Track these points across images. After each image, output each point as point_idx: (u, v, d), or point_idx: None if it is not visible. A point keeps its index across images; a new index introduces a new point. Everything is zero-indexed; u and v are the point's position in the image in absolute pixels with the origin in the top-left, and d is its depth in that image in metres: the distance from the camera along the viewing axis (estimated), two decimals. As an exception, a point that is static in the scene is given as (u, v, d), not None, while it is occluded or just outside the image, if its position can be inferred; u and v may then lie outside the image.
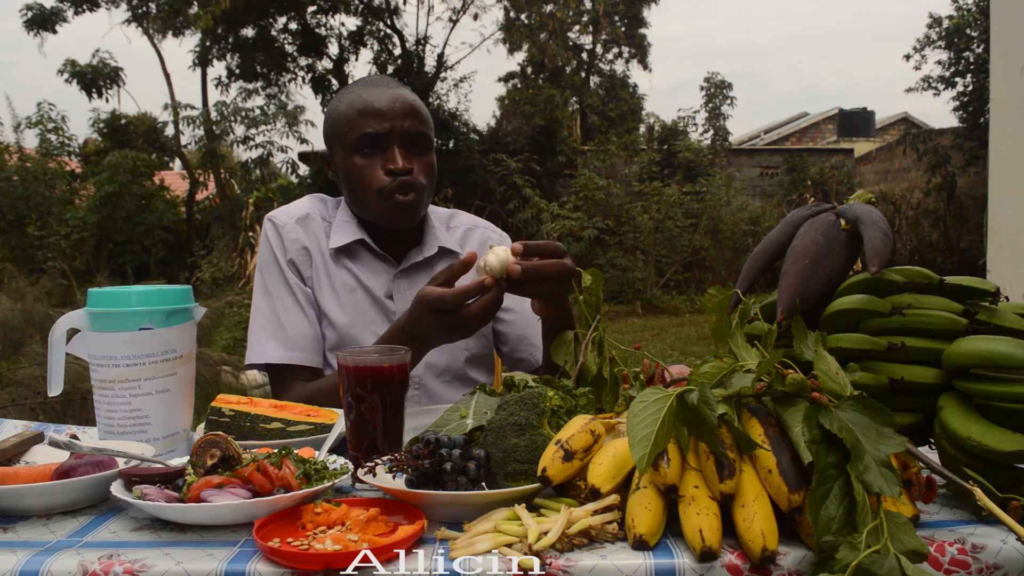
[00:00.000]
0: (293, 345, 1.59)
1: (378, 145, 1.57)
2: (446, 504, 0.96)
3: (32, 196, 11.57)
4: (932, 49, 12.45)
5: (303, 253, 1.64)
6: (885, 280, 1.06)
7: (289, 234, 1.64)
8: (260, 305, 1.62)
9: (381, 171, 1.56)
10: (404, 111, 1.58)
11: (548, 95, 13.93)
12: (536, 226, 11.60)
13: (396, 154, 1.56)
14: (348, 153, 1.58)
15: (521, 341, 1.74)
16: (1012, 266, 3.40)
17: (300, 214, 1.67)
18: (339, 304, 1.63)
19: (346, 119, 1.58)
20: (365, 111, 1.57)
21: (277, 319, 1.60)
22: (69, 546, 0.91)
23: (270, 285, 1.63)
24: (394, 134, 1.57)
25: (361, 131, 1.56)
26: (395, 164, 1.55)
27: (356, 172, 1.57)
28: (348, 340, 1.61)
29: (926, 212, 12.52)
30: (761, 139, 22.88)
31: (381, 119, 1.56)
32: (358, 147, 1.57)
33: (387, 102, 1.57)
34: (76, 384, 3.56)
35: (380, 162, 1.57)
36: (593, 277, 1.28)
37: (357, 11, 14.74)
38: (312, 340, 1.61)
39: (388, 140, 1.57)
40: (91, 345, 1.21)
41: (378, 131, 1.56)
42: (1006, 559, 0.86)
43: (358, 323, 1.62)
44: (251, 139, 12.95)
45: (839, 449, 0.85)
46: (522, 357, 1.74)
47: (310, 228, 1.66)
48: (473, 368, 1.72)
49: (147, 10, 13.44)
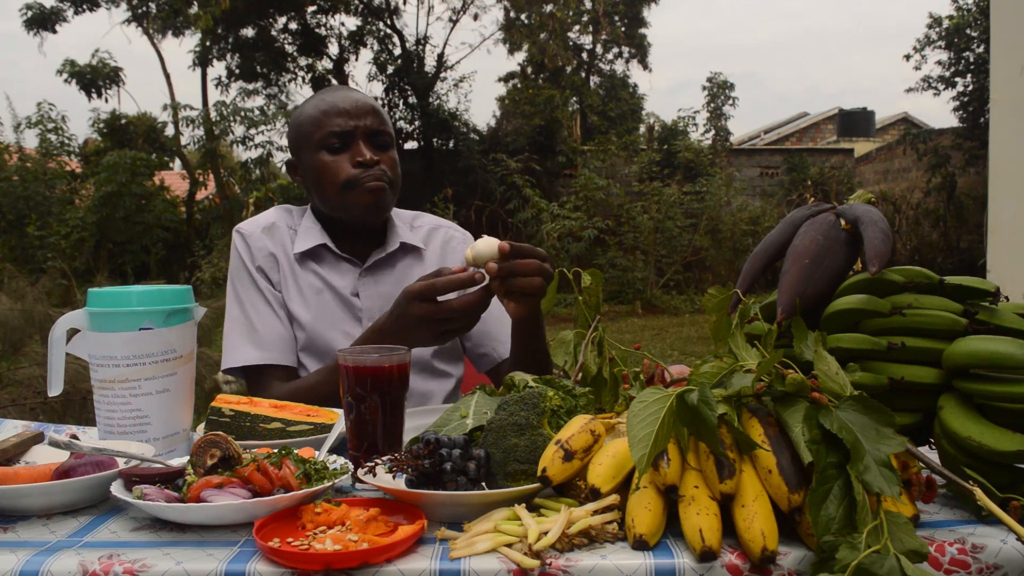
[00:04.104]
0: (268, 346, 1.61)
1: (344, 141, 1.63)
2: (446, 504, 0.96)
3: (32, 196, 11.58)
4: (932, 49, 12.46)
5: (270, 260, 1.68)
6: (885, 280, 1.06)
7: (256, 243, 1.69)
8: (233, 314, 1.66)
9: (349, 165, 1.62)
10: (366, 110, 1.65)
11: (548, 95, 13.94)
12: (536, 226, 11.60)
13: (363, 148, 1.62)
14: (315, 151, 1.63)
15: (484, 336, 1.76)
16: (1012, 266, 3.40)
17: (266, 223, 1.72)
18: (307, 306, 1.66)
19: (312, 121, 1.64)
20: (330, 111, 1.63)
21: (250, 324, 1.63)
22: (69, 546, 0.91)
23: (241, 293, 1.66)
24: (359, 131, 1.63)
25: (327, 129, 1.62)
26: (363, 157, 1.61)
27: (324, 168, 1.62)
28: (316, 339, 1.64)
29: (926, 212, 12.52)
30: (761, 139, 22.88)
31: (347, 117, 1.62)
32: (325, 144, 1.62)
33: (350, 103, 1.64)
34: (76, 384, 3.57)
35: (347, 157, 1.62)
36: (593, 277, 1.28)
37: (357, 11, 14.75)
38: (286, 340, 1.64)
39: (353, 137, 1.63)
40: (91, 345, 1.21)
41: (344, 128, 1.62)
42: (1006, 559, 0.86)
43: (325, 322, 1.65)
44: (251, 139, 12.96)
45: (839, 449, 0.85)
46: (484, 352, 1.77)
47: (276, 236, 1.70)
48: (439, 360, 1.74)
49: (147, 10, 13.44)
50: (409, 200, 11.53)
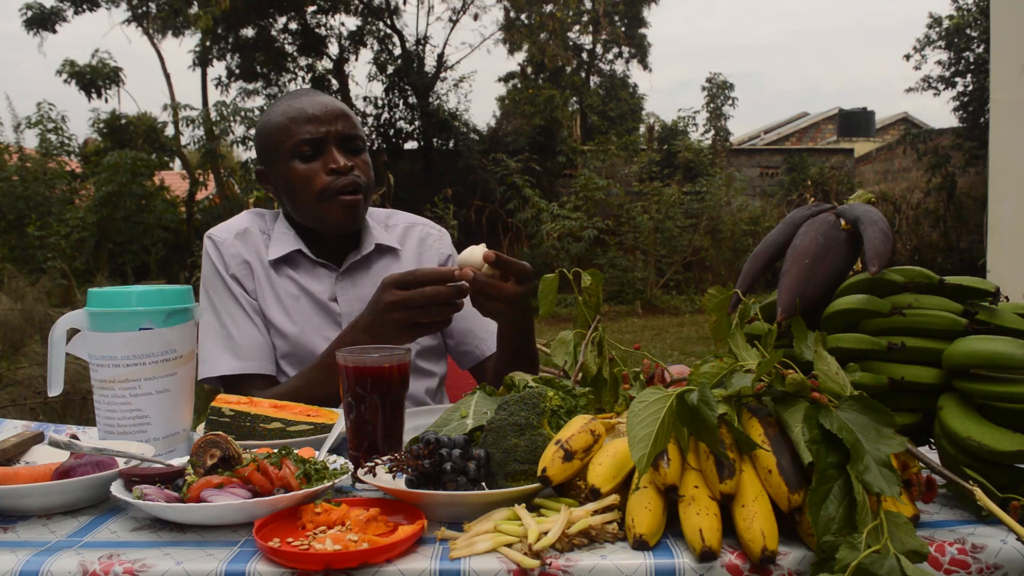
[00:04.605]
0: (246, 355, 1.60)
1: (316, 149, 1.60)
2: (446, 504, 0.96)
3: (32, 196, 11.57)
4: (932, 49, 12.46)
5: (244, 267, 1.66)
6: (885, 280, 1.06)
7: (229, 249, 1.66)
8: (209, 322, 1.63)
9: (322, 172, 1.59)
10: (336, 114, 1.62)
11: (548, 95, 13.93)
12: (536, 226, 11.60)
13: (335, 154, 1.59)
14: (286, 160, 1.60)
15: (467, 335, 1.76)
16: (1012, 266, 3.40)
17: (239, 229, 1.69)
18: (285, 313, 1.64)
19: (281, 129, 1.61)
20: (299, 118, 1.60)
21: (227, 332, 1.61)
22: (69, 546, 0.91)
23: (216, 301, 1.64)
24: (330, 136, 1.60)
25: (298, 137, 1.58)
26: (336, 163, 1.58)
27: (297, 177, 1.60)
28: (300, 349, 1.62)
29: (926, 212, 12.52)
30: (761, 139, 22.87)
31: (317, 123, 1.59)
32: (296, 153, 1.59)
33: (319, 108, 1.61)
34: (76, 384, 3.57)
35: (320, 165, 1.59)
36: (593, 277, 1.28)
37: (357, 11, 14.74)
38: (264, 348, 1.62)
39: (325, 143, 1.60)
40: (91, 345, 1.21)
41: (315, 135, 1.59)
42: (1006, 559, 0.86)
43: (307, 330, 1.63)
44: (251, 139, 12.95)
45: (839, 449, 0.85)
46: (467, 350, 1.77)
47: (249, 242, 1.68)
48: (424, 359, 1.74)
49: (147, 10, 13.43)
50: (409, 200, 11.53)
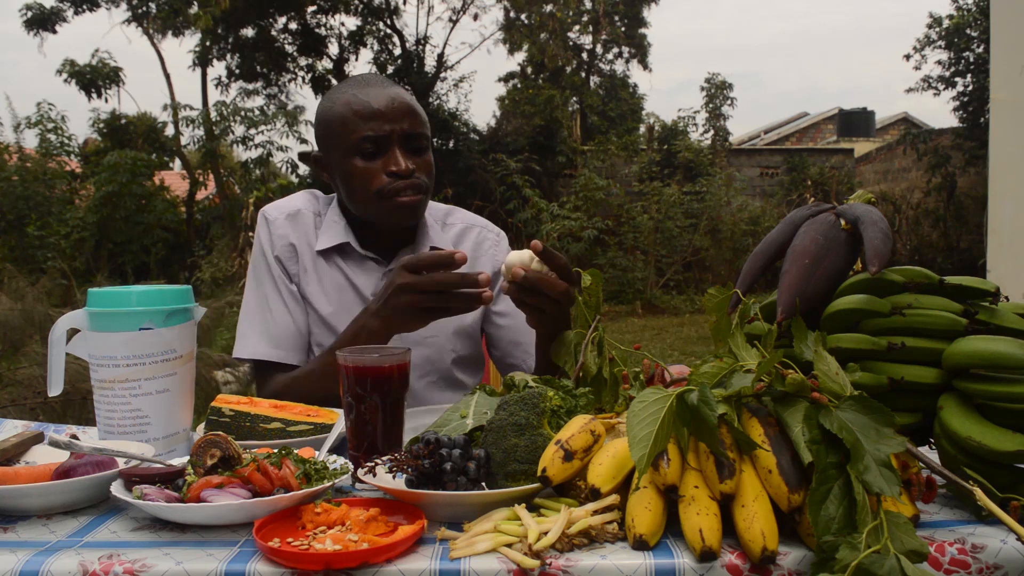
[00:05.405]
0: (280, 343, 1.60)
1: (378, 147, 1.54)
2: (446, 504, 0.96)
3: (32, 196, 11.57)
4: (932, 49, 12.46)
5: (289, 250, 1.65)
6: (885, 280, 1.06)
7: (277, 230, 1.65)
8: (249, 298, 1.64)
9: (382, 173, 1.54)
10: (402, 111, 1.55)
11: (548, 95, 13.93)
12: (536, 226, 11.60)
13: (398, 156, 1.53)
14: (347, 155, 1.55)
15: (516, 347, 1.71)
16: (1012, 266, 3.40)
17: (291, 210, 1.67)
18: (328, 302, 1.63)
19: (343, 121, 1.55)
20: (363, 113, 1.53)
21: (263, 314, 1.62)
22: (69, 546, 0.91)
23: (259, 280, 1.64)
24: (394, 136, 1.54)
25: (361, 134, 1.52)
26: (398, 166, 1.53)
27: (356, 174, 1.55)
28: (334, 335, 1.60)
29: (926, 212, 12.52)
30: (761, 139, 22.87)
31: (381, 121, 1.53)
32: (358, 150, 1.54)
33: (385, 103, 1.54)
34: (76, 384, 3.57)
35: (380, 164, 1.54)
36: (593, 277, 1.28)
37: (357, 11, 14.74)
38: (296, 337, 1.62)
39: (388, 142, 1.54)
40: (91, 345, 1.21)
41: (378, 133, 1.53)
42: (1006, 559, 0.86)
43: (344, 320, 1.59)
44: (251, 139, 12.96)
45: (839, 449, 0.85)
46: (514, 363, 1.71)
47: (299, 224, 1.66)
48: (460, 370, 1.70)
49: (147, 10, 13.43)
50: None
